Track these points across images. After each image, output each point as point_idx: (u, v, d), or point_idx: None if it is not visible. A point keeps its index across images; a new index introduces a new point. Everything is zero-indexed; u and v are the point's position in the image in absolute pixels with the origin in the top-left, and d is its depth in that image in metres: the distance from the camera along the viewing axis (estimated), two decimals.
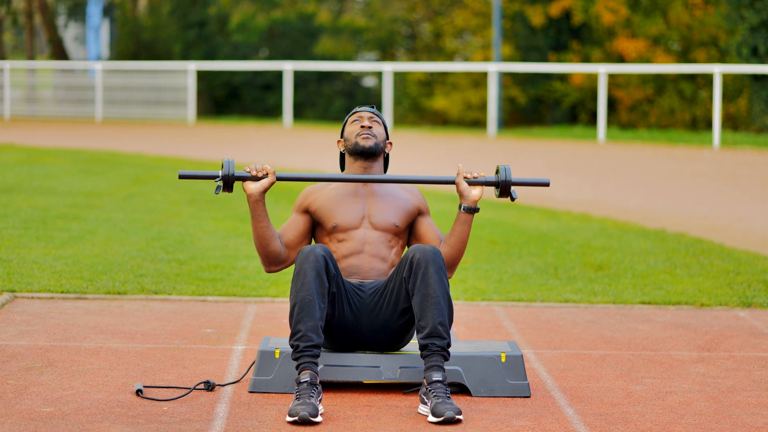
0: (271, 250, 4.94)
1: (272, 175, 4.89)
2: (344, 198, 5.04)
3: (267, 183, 4.89)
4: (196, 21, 35.93)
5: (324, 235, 5.05)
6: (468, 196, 4.95)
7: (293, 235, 5.01)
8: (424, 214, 5.10)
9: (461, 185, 4.95)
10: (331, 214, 5.01)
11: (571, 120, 30.88)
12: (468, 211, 4.94)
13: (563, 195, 13.39)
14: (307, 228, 5.04)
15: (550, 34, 31.52)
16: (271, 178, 4.89)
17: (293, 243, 5.00)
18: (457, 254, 4.97)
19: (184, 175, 4.92)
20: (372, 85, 35.08)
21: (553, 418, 4.58)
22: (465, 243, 4.97)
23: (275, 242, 4.94)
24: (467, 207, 4.94)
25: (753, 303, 7.13)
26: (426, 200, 5.16)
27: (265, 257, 4.96)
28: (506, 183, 4.95)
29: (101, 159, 17.41)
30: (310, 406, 4.41)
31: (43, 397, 4.68)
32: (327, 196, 5.05)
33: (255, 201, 4.89)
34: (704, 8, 30.07)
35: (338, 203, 5.03)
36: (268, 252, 4.94)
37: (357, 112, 5.15)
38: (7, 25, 39.65)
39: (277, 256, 4.96)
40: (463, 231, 4.95)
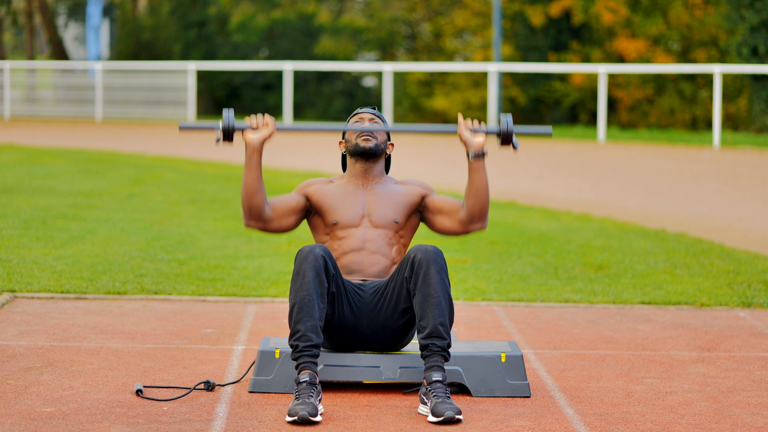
0: (255, 201, 4.94)
1: (272, 126, 4.93)
2: (345, 196, 5.05)
3: (267, 133, 4.93)
4: (196, 21, 35.94)
5: (324, 233, 5.05)
6: (472, 144, 4.95)
7: (283, 204, 5.02)
8: (431, 194, 5.11)
9: (464, 134, 4.96)
10: (332, 211, 5.02)
11: (571, 120, 30.89)
12: (476, 157, 4.95)
13: (563, 195, 13.39)
14: (298, 207, 5.04)
15: (550, 34, 31.52)
16: (271, 129, 4.93)
17: (279, 210, 5.01)
18: (483, 202, 4.96)
19: (185, 126, 4.97)
20: (372, 85, 35.08)
21: (553, 418, 4.58)
22: (486, 189, 4.96)
23: (261, 195, 4.94)
24: (475, 153, 4.95)
25: (753, 303, 7.13)
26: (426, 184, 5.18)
27: (247, 208, 4.96)
28: (508, 132, 4.97)
29: (101, 159, 17.41)
30: (309, 406, 4.42)
31: (43, 397, 4.68)
32: (329, 192, 5.06)
33: (253, 150, 4.92)
34: (704, 8, 30.08)
35: (339, 200, 5.04)
36: (252, 203, 4.95)
37: (358, 114, 5.16)
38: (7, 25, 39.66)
39: (259, 211, 4.96)
40: (479, 178, 4.95)
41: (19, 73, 32.65)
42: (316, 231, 5.09)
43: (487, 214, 5.00)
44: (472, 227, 5.01)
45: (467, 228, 5.01)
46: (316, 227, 5.09)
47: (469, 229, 5.01)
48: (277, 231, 5.02)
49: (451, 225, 5.04)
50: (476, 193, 4.96)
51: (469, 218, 4.99)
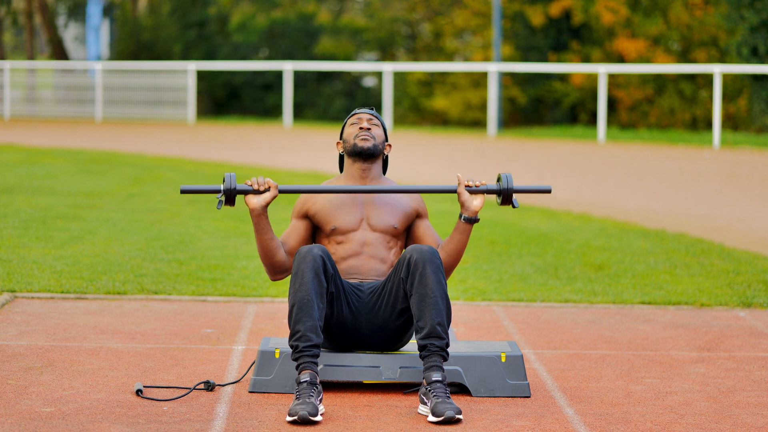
0: (276, 261, 4.95)
1: (274, 189, 4.89)
2: (342, 201, 5.04)
3: (269, 197, 4.89)
4: (196, 21, 35.93)
5: (323, 237, 5.05)
6: (469, 207, 4.94)
7: (295, 242, 5.02)
8: (423, 217, 5.10)
9: (463, 195, 4.94)
10: (330, 217, 5.01)
11: (571, 120, 30.88)
12: (468, 221, 4.94)
13: (563, 195, 13.39)
14: (307, 233, 5.05)
15: (550, 34, 31.52)
16: (273, 192, 4.89)
17: (296, 250, 4.99)
18: (453, 262, 4.99)
19: (186, 190, 4.92)
20: (372, 85, 35.07)
21: (553, 418, 4.58)
22: (462, 252, 4.98)
23: (280, 252, 4.95)
24: (467, 217, 4.94)
25: (753, 303, 7.13)
26: (425, 203, 5.16)
27: (270, 267, 4.97)
28: (508, 191, 4.94)
29: (101, 159, 17.41)
30: (309, 406, 4.42)
31: (43, 397, 4.68)
32: (325, 200, 5.05)
33: (258, 215, 4.89)
34: (704, 8, 30.07)
35: (336, 206, 5.03)
36: (274, 263, 4.96)
37: (356, 114, 5.15)
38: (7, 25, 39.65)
39: (283, 265, 4.97)
40: (461, 240, 4.96)
41: (19, 73, 32.65)
42: (316, 236, 5.09)
43: (451, 272, 5.04)
44: None
45: None
46: (316, 234, 5.09)
47: None
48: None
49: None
50: (451, 252, 4.98)
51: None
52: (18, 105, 31.15)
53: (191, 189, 4.92)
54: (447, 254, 4.97)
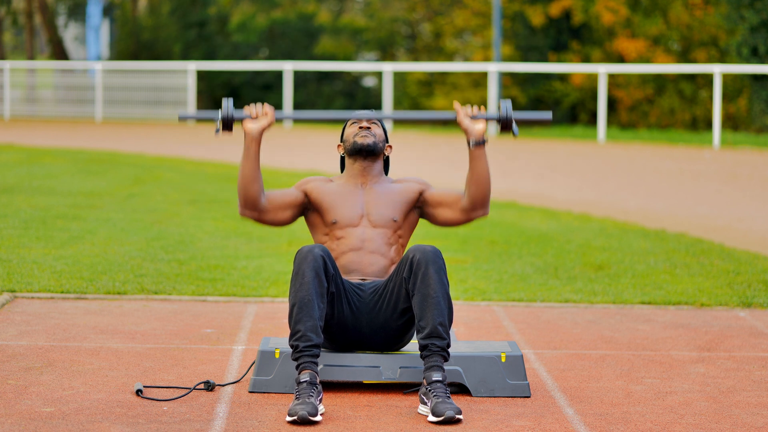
0: (251, 191, 4.95)
1: (271, 116, 4.94)
2: (344, 195, 5.05)
3: (266, 122, 4.94)
4: (196, 21, 35.93)
5: (323, 233, 5.05)
6: (472, 131, 4.94)
7: (280, 198, 5.03)
8: (428, 189, 5.10)
9: (464, 122, 4.94)
10: (331, 209, 5.02)
11: (571, 120, 30.88)
12: (477, 144, 4.93)
13: (563, 195, 13.39)
14: (296, 202, 5.04)
15: (550, 34, 31.52)
16: (270, 118, 4.94)
17: (276, 202, 5.01)
18: (484, 190, 4.95)
19: (184, 116, 4.99)
20: (372, 85, 35.07)
21: (553, 418, 4.58)
22: (488, 176, 4.94)
23: (257, 185, 4.95)
24: (476, 141, 4.93)
25: (753, 303, 7.13)
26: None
27: (243, 197, 4.98)
28: (507, 118, 4.94)
29: (101, 159, 17.41)
30: (309, 406, 4.42)
31: (43, 397, 4.68)
32: (328, 191, 5.06)
33: (251, 139, 4.93)
34: (704, 8, 30.07)
35: (338, 199, 5.04)
36: (248, 192, 4.96)
37: (355, 116, 5.17)
38: (7, 25, 39.65)
39: (255, 200, 4.97)
40: (480, 165, 4.94)
41: (19, 73, 32.65)
42: (315, 230, 5.09)
43: (488, 200, 5.00)
44: (475, 214, 5.01)
45: (470, 216, 5.01)
46: (315, 225, 5.09)
47: (472, 217, 5.01)
48: (272, 224, 5.03)
49: (453, 215, 5.04)
50: (478, 181, 4.95)
51: (472, 205, 4.99)
52: (18, 105, 31.15)
53: (189, 115, 5.00)
54: (474, 184, 4.94)
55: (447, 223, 5.06)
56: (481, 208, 5.00)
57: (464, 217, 5.02)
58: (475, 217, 5.01)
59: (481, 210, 5.00)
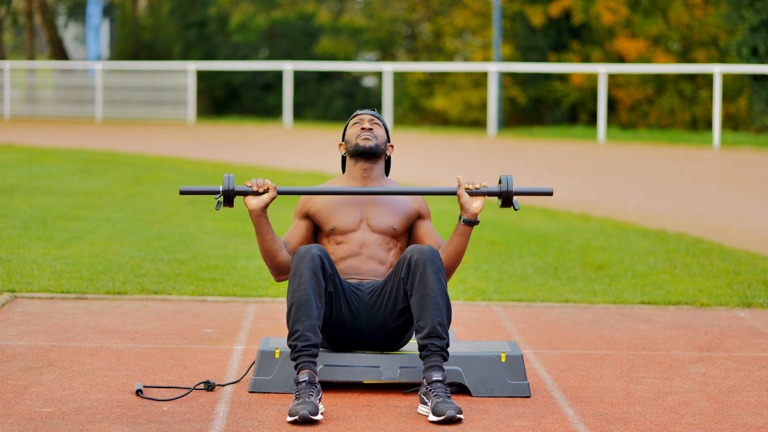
0: (278, 261, 4.96)
1: (273, 190, 4.89)
2: (342, 201, 5.04)
3: (268, 198, 4.90)
4: (196, 21, 35.93)
5: (322, 237, 5.06)
6: (469, 209, 4.93)
7: (297, 242, 5.03)
8: (424, 218, 5.10)
9: (463, 197, 4.93)
10: (329, 217, 5.01)
11: (571, 120, 30.88)
12: (468, 223, 4.93)
13: (563, 195, 13.39)
14: (309, 233, 5.06)
15: (550, 34, 31.52)
16: (272, 193, 4.89)
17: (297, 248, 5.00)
18: (453, 264, 4.98)
19: (186, 191, 4.93)
20: (372, 85, 35.07)
21: (553, 418, 4.58)
22: (462, 253, 4.97)
23: (282, 253, 4.95)
24: (467, 219, 4.93)
25: (753, 303, 7.13)
26: (427, 204, 5.15)
27: (273, 268, 4.98)
28: (508, 193, 4.93)
29: (101, 159, 17.41)
30: (310, 405, 4.42)
31: (43, 397, 4.68)
32: (325, 200, 5.05)
33: (257, 216, 4.90)
34: (704, 8, 30.07)
35: (336, 206, 5.03)
36: (276, 263, 4.96)
37: (358, 115, 5.16)
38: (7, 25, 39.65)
39: (285, 266, 4.97)
40: (461, 242, 4.95)
41: (19, 73, 32.65)
42: (317, 235, 5.09)
43: (452, 274, 5.04)
44: None
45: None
46: (317, 233, 5.10)
47: None
48: None
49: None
50: (451, 254, 4.97)
51: None
52: (18, 105, 31.15)
53: (190, 190, 4.94)
54: (447, 256, 4.97)
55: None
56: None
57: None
58: None
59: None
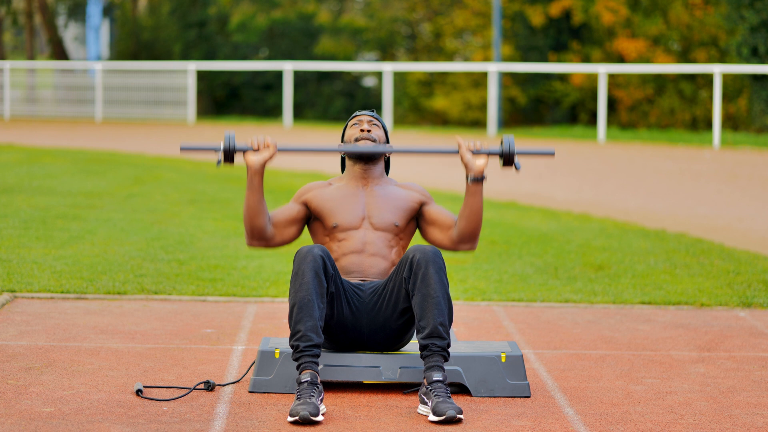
0: (257, 223, 4.94)
1: (273, 148, 4.92)
2: (345, 198, 5.05)
3: (268, 155, 4.92)
4: (196, 21, 35.93)
5: (323, 235, 5.05)
6: (473, 167, 4.94)
7: (283, 217, 5.02)
8: (429, 203, 5.10)
9: (465, 156, 4.94)
10: (332, 214, 5.02)
11: (571, 120, 30.88)
12: (476, 181, 4.94)
13: (563, 195, 13.39)
14: (298, 216, 5.04)
15: (550, 34, 31.52)
16: (272, 150, 4.92)
17: (281, 224, 5.00)
18: (475, 226, 4.96)
19: (186, 147, 4.97)
20: (372, 85, 35.07)
21: (553, 418, 4.58)
22: (480, 213, 4.96)
23: (263, 217, 4.94)
24: (474, 177, 4.94)
25: (753, 303, 7.13)
26: (428, 192, 5.16)
27: (250, 230, 4.96)
28: (510, 153, 4.95)
29: (101, 159, 17.41)
30: (311, 406, 4.42)
31: (43, 397, 4.68)
32: (328, 196, 5.05)
33: (254, 172, 4.91)
34: (704, 8, 30.07)
35: (339, 203, 5.03)
36: (254, 225, 4.95)
37: (357, 116, 5.16)
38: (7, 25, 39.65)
39: (262, 231, 4.96)
40: (475, 202, 4.95)
41: (19, 73, 32.65)
42: (315, 234, 5.09)
43: (477, 237, 5.01)
44: (461, 247, 5.01)
45: (456, 247, 5.01)
46: (315, 231, 5.09)
47: (458, 248, 5.01)
48: (280, 245, 5.03)
49: (442, 240, 5.04)
50: (469, 216, 4.96)
51: (460, 238, 4.99)
52: (18, 105, 31.15)
53: (191, 147, 4.97)
54: (467, 219, 4.95)
55: (434, 244, 5.05)
56: (468, 242, 5.00)
57: (451, 246, 5.02)
58: (461, 249, 5.00)
59: (468, 244, 5.00)
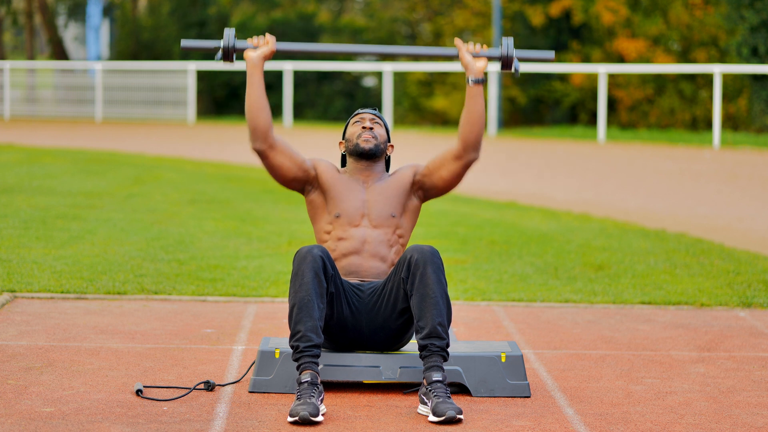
0: (261, 119, 4.93)
1: (272, 43, 4.96)
2: (349, 190, 5.04)
3: (267, 50, 4.96)
4: (196, 21, 35.94)
5: (325, 222, 5.03)
6: (473, 68, 4.95)
7: (288, 149, 4.98)
8: (419, 167, 5.11)
9: (465, 58, 4.95)
10: (337, 200, 5.01)
11: (571, 120, 30.89)
12: (476, 82, 4.95)
13: (563, 195, 13.39)
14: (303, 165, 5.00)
15: (550, 34, 31.53)
16: (272, 46, 4.96)
17: (285, 148, 4.97)
18: (478, 130, 4.97)
19: (187, 46, 4.99)
20: (372, 85, 35.08)
21: (553, 418, 4.58)
22: (482, 116, 4.96)
23: (266, 113, 4.94)
24: (475, 79, 4.95)
25: (753, 303, 7.13)
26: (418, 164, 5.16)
27: (253, 127, 4.94)
28: (509, 56, 4.94)
29: (101, 159, 17.41)
30: (310, 406, 4.42)
31: (43, 397, 4.68)
32: (337, 180, 5.04)
33: (253, 66, 4.93)
34: (704, 8, 30.08)
35: (344, 192, 5.02)
36: (257, 121, 4.94)
37: (359, 114, 5.16)
38: (7, 25, 39.66)
39: (265, 131, 4.94)
40: (476, 103, 4.95)
41: (19, 73, 32.66)
42: (317, 216, 5.05)
43: (480, 142, 5.01)
44: (467, 157, 4.99)
45: (464, 161, 4.99)
46: (317, 210, 5.05)
47: (465, 161, 4.99)
48: (277, 169, 4.96)
49: (449, 170, 5.02)
50: (471, 120, 4.97)
51: (464, 147, 4.98)
52: (18, 105, 31.15)
53: (191, 45, 4.98)
54: (468, 124, 4.96)
55: (448, 184, 5.04)
56: (473, 151, 5.00)
57: (459, 166, 5.00)
58: (468, 161, 4.99)
59: (473, 152, 5.00)
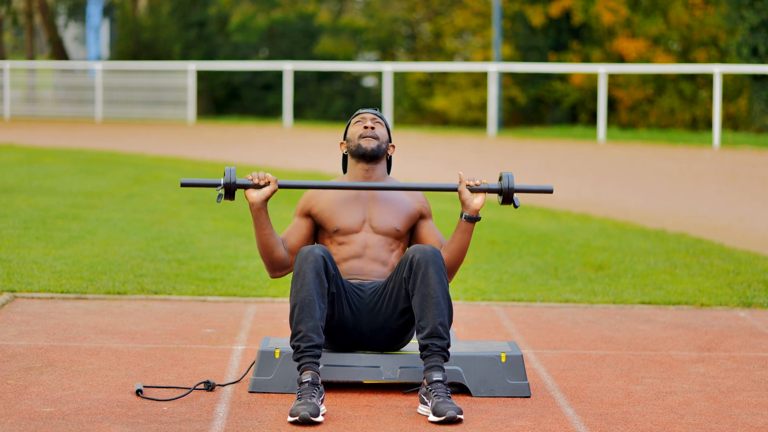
0: (275, 257, 4.95)
1: (274, 183, 4.89)
2: (345, 202, 5.04)
3: (269, 191, 4.89)
4: (196, 21, 35.93)
5: (325, 237, 5.05)
6: (470, 205, 4.93)
7: (296, 240, 5.02)
8: (426, 218, 5.09)
9: (464, 193, 4.93)
10: (333, 218, 5.01)
11: (571, 120, 30.88)
12: (469, 220, 4.94)
13: (563, 195, 13.39)
14: (309, 232, 5.04)
15: (550, 34, 31.52)
16: (273, 186, 4.89)
17: (296, 248, 5.00)
18: (456, 261, 4.98)
19: (186, 183, 4.93)
20: (372, 85, 35.07)
21: (553, 418, 4.58)
22: (465, 250, 4.97)
23: (279, 249, 4.95)
24: (468, 216, 4.93)
25: (753, 303, 7.13)
26: (429, 203, 5.15)
27: (269, 264, 4.97)
28: (509, 190, 4.94)
29: (101, 159, 17.41)
30: (311, 406, 4.42)
31: (43, 397, 4.68)
32: (329, 200, 5.04)
33: (257, 209, 4.90)
34: (704, 8, 30.07)
35: (340, 207, 5.02)
36: (273, 259, 4.95)
37: (360, 114, 5.16)
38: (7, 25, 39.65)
39: (282, 262, 4.97)
40: (463, 239, 4.95)
41: (19, 73, 32.65)
42: (319, 236, 5.09)
43: (456, 271, 5.03)
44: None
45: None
46: (318, 235, 5.09)
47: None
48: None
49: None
50: (454, 252, 4.97)
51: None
52: (18, 105, 31.14)
53: (191, 182, 4.94)
54: (450, 254, 4.97)
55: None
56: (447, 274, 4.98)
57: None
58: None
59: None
